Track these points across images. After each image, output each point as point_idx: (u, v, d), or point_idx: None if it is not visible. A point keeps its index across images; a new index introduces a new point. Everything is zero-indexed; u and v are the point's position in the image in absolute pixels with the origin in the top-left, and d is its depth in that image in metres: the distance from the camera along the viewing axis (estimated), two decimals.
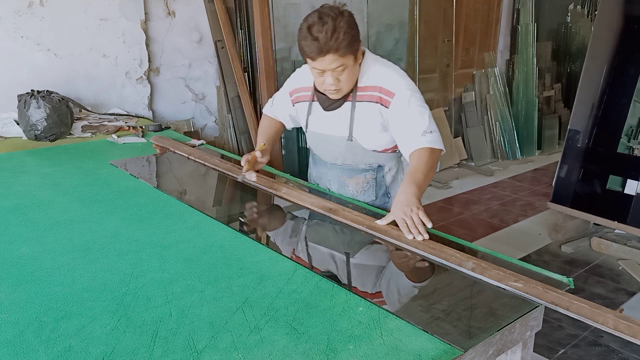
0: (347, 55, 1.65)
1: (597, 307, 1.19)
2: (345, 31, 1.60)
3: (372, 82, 1.77)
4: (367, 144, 1.85)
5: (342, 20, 1.61)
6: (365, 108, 1.79)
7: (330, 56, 1.62)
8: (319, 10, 1.65)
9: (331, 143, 1.91)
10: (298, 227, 1.74)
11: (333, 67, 1.65)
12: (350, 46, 1.63)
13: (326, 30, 1.59)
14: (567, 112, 5.83)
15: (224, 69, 3.63)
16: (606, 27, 3.54)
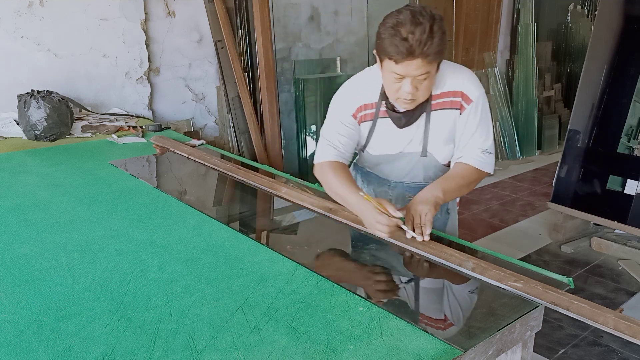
0: (434, 62, 1.47)
1: (597, 307, 1.19)
2: (440, 37, 1.43)
3: (452, 87, 1.61)
4: (441, 156, 1.72)
5: (436, 24, 1.44)
6: (441, 117, 1.63)
7: (419, 61, 1.43)
8: (409, 8, 1.48)
9: (400, 161, 1.74)
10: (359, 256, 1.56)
11: (417, 73, 1.46)
12: (440, 54, 1.46)
13: (420, 32, 1.41)
14: (567, 112, 5.82)
15: (224, 69, 3.63)
16: (606, 27, 3.54)
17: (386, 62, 1.48)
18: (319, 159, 1.70)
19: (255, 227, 1.76)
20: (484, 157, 1.63)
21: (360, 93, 1.68)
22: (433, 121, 1.63)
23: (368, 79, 1.66)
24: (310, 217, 1.76)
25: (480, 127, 1.62)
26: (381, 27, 1.50)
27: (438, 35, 1.43)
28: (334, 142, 1.68)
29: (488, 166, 1.64)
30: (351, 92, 1.71)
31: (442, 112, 1.62)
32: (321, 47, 4.14)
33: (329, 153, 1.67)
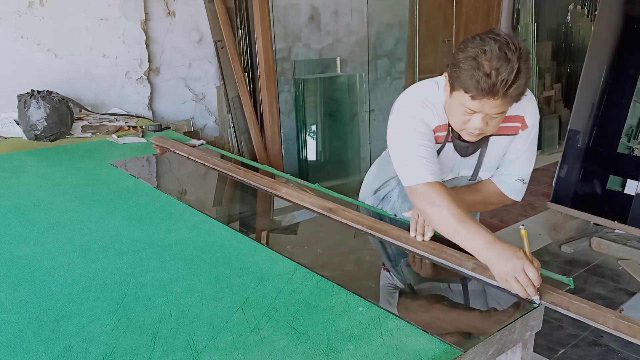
0: (512, 103, 1.33)
1: (597, 307, 1.19)
2: (526, 77, 1.28)
3: (516, 112, 1.46)
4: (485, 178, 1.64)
5: (524, 62, 1.27)
6: (500, 142, 1.53)
7: (498, 101, 1.29)
8: (497, 38, 1.28)
9: (448, 183, 1.60)
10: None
11: (492, 112, 1.33)
12: (522, 94, 1.32)
13: (508, 71, 1.25)
14: (567, 112, 5.82)
15: (224, 69, 3.63)
16: (606, 27, 3.54)
17: (459, 93, 1.33)
18: (414, 179, 1.42)
19: (255, 227, 1.76)
20: (517, 185, 1.57)
21: (434, 113, 1.47)
22: (490, 146, 1.53)
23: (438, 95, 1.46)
24: (310, 217, 1.76)
25: (526, 155, 1.55)
26: (460, 54, 1.31)
27: (525, 76, 1.28)
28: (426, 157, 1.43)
29: (518, 194, 1.58)
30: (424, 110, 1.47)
31: (501, 137, 1.52)
32: (321, 47, 4.14)
33: (426, 173, 1.41)
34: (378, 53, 4.54)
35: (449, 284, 1.36)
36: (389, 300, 1.27)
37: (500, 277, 1.26)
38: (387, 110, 4.91)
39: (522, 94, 1.32)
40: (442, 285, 1.37)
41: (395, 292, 1.33)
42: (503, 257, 1.25)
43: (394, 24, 4.61)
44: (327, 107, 4.06)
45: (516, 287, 1.22)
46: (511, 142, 1.53)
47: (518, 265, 1.22)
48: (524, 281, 1.21)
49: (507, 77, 1.25)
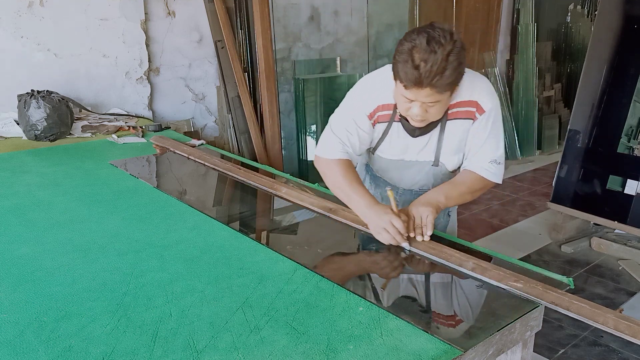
0: (445, 92, 1.42)
1: (597, 307, 1.19)
2: (454, 68, 1.36)
3: (468, 97, 1.57)
4: (451, 165, 1.70)
5: (453, 53, 1.35)
6: (456, 126, 1.60)
7: (428, 90, 1.38)
8: (429, 31, 1.37)
9: (411, 169, 1.72)
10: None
11: (426, 100, 1.42)
12: (452, 85, 1.41)
13: (432, 63, 1.34)
14: (567, 112, 5.82)
15: (224, 69, 3.63)
16: (606, 27, 3.54)
17: (398, 82, 1.43)
18: (327, 153, 1.64)
19: (255, 227, 1.76)
20: (492, 167, 1.61)
21: (380, 91, 1.59)
22: (447, 131, 1.60)
23: (389, 78, 1.50)
24: (310, 217, 1.76)
25: (490, 138, 1.60)
26: (398, 47, 1.41)
27: (452, 67, 1.36)
28: (343, 140, 1.63)
29: (496, 176, 1.63)
30: (371, 89, 1.62)
31: (456, 121, 1.59)
32: (321, 47, 4.14)
33: (338, 151, 1.63)
34: (378, 53, 4.54)
35: (448, 283, 1.36)
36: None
37: (375, 230, 1.49)
38: None
39: (453, 84, 1.41)
40: (442, 285, 1.37)
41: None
42: (376, 214, 1.49)
43: (394, 24, 4.61)
44: (327, 107, 4.06)
45: (387, 237, 1.46)
46: (470, 127, 1.59)
47: (386, 219, 1.46)
48: (392, 231, 1.45)
49: (431, 68, 1.34)
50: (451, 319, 1.18)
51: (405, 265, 1.46)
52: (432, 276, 1.41)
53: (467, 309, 1.26)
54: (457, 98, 1.55)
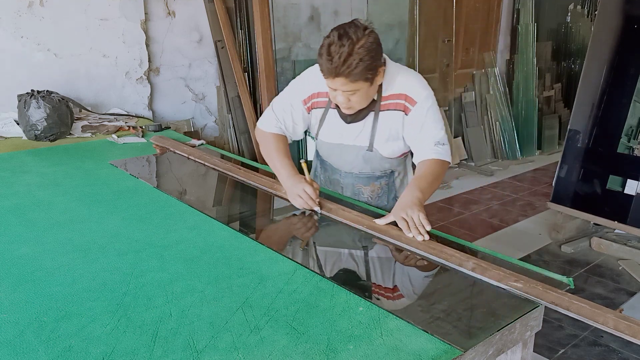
0: (359, 81, 1.57)
1: (597, 307, 1.19)
2: (361, 59, 1.52)
3: (398, 90, 1.73)
4: (386, 152, 1.84)
5: (361, 45, 1.52)
6: (388, 117, 1.76)
7: (342, 80, 1.56)
8: (344, 27, 1.57)
9: (349, 153, 1.87)
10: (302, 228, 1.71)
11: (344, 89, 1.60)
12: (363, 74, 1.55)
13: (341, 54, 1.51)
14: (567, 112, 5.82)
15: (224, 69, 3.63)
16: (606, 27, 3.54)
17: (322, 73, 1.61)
18: (264, 126, 1.90)
19: (255, 227, 1.76)
20: (438, 149, 1.73)
21: (316, 80, 1.74)
22: (381, 120, 1.76)
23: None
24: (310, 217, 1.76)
25: (428, 125, 1.73)
26: (323, 41, 1.60)
27: (359, 57, 1.52)
28: (279, 117, 1.87)
29: (445, 156, 1.74)
30: (309, 77, 1.83)
31: (388, 112, 1.75)
32: None
33: (273, 126, 1.88)
34: None
35: (449, 283, 1.36)
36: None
37: (291, 197, 1.74)
38: None
39: (365, 73, 1.55)
40: (442, 285, 1.37)
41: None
42: (293, 183, 1.73)
43: (394, 24, 4.61)
44: None
45: (300, 202, 1.71)
46: (404, 119, 1.75)
47: (300, 187, 1.70)
48: (305, 197, 1.69)
49: (340, 60, 1.52)
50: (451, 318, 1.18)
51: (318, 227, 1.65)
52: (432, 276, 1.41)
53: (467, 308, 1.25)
54: (389, 91, 1.73)
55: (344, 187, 1.97)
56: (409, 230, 1.52)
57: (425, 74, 4.95)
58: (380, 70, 1.63)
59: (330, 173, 2.01)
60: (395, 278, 1.41)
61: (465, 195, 4.58)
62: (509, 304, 1.22)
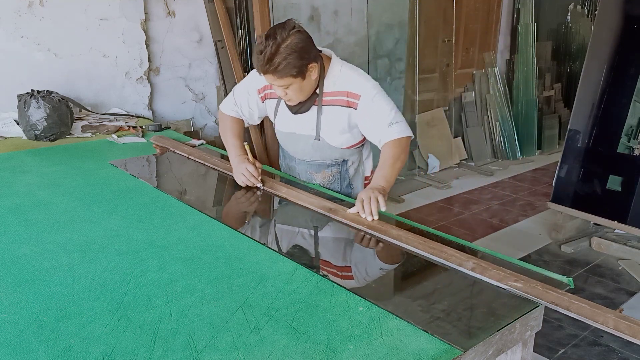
0: (286, 77, 1.70)
1: (597, 307, 1.19)
2: (284, 57, 1.65)
3: (339, 88, 1.85)
4: (334, 142, 1.95)
5: (286, 45, 1.66)
6: (333, 111, 1.88)
7: (270, 76, 1.71)
8: (275, 27, 1.71)
9: (299, 141, 2.01)
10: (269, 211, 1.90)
11: (275, 84, 1.75)
12: (288, 71, 1.68)
13: (265, 53, 1.66)
14: (567, 112, 5.82)
15: (224, 69, 3.63)
16: (606, 27, 3.53)
17: None
18: (223, 108, 2.12)
19: (255, 227, 1.76)
20: (394, 128, 1.82)
21: None
22: (325, 113, 1.89)
23: None
24: (310, 217, 1.76)
25: (377, 111, 1.83)
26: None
27: (282, 56, 1.65)
28: (237, 102, 2.06)
29: (402, 132, 1.83)
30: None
31: (332, 107, 1.88)
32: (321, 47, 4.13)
33: (230, 109, 2.09)
34: (378, 53, 4.54)
35: (449, 284, 1.36)
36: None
37: (235, 175, 1.96)
38: None
39: (287, 71, 1.68)
40: (442, 285, 1.37)
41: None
42: (238, 163, 1.97)
43: (394, 24, 4.61)
44: None
45: (243, 179, 1.92)
46: (353, 114, 1.86)
47: (243, 166, 1.93)
48: (247, 174, 1.91)
49: (264, 58, 1.66)
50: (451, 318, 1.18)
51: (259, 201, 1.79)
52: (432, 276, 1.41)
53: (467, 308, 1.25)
54: (331, 88, 1.86)
55: (299, 174, 2.12)
56: (363, 211, 1.62)
57: (425, 74, 4.99)
58: (310, 66, 1.74)
59: (288, 160, 2.17)
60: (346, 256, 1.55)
61: (465, 195, 4.58)
62: (509, 303, 1.22)
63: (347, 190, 2.08)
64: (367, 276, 1.42)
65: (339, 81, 1.86)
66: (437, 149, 5.04)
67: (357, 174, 2.09)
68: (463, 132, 5.36)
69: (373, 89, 1.85)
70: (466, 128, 5.36)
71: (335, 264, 1.47)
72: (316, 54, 1.79)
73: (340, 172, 2.04)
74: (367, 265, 1.50)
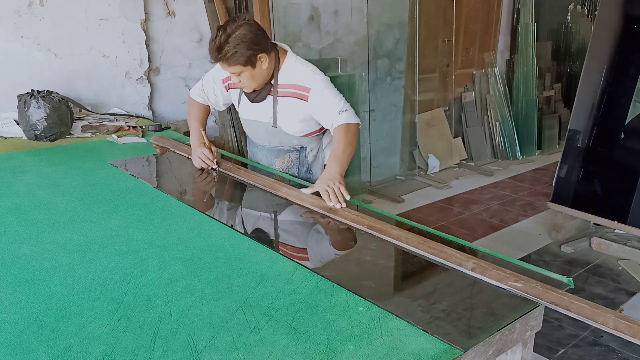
0: (236, 65, 1.86)
1: (597, 307, 1.19)
2: (233, 47, 1.82)
3: (289, 81, 2.02)
4: (290, 130, 2.11)
5: (235, 36, 1.82)
6: (286, 102, 2.04)
7: (222, 64, 1.89)
8: (228, 20, 1.89)
9: (259, 128, 2.17)
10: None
11: (228, 71, 1.93)
12: (236, 59, 1.84)
13: (216, 42, 1.83)
14: (567, 112, 5.82)
15: None
16: (606, 27, 3.53)
17: None
18: (193, 95, 2.30)
19: (255, 227, 1.76)
20: (343, 115, 1.97)
21: None
22: (280, 103, 2.05)
23: None
24: (310, 217, 1.76)
25: (326, 101, 1.99)
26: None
27: (231, 46, 1.82)
28: (203, 88, 2.24)
29: (350, 119, 1.98)
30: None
31: (286, 99, 2.04)
32: (321, 47, 4.14)
33: (197, 95, 2.28)
34: (378, 53, 4.54)
35: (448, 284, 1.36)
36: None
37: (193, 158, 2.18)
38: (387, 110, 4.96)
39: (235, 60, 1.84)
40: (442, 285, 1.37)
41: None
42: (195, 146, 2.19)
43: (394, 24, 4.61)
44: None
45: (199, 162, 2.15)
46: (306, 106, 2.01)
47: (199, 150, 2.16)
48: (202, 157, 2.14)
49: (214, 46, 1.84)
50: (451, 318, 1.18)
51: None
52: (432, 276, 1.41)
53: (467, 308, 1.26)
54: (284, 81, 2.03)
55: (261, 159, 2.28)
56: (330, 200, 1.75)
57: (425, 74, 4.99)
58: (260, 56, 1.90)
59: (252, 146, 2.34)
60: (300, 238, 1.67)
61: (465, 195, 4.58)
62: (509, 303, 1.22)
63: (307, 175, 2.24)
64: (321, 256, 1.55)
65: (291, 74, 2.02)
66: (437, 149, 5.04)
67: (316, 160, 2.24)
68: (463, 132, 5.37)
69: (321, 83, 2.00)
70: (466, 128, 5.36)
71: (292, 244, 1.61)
72: (267, 45, 1.94)
73: (298, 158, 2.20)
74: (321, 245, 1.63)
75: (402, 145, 4.92)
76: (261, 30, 1.92)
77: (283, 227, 1.78)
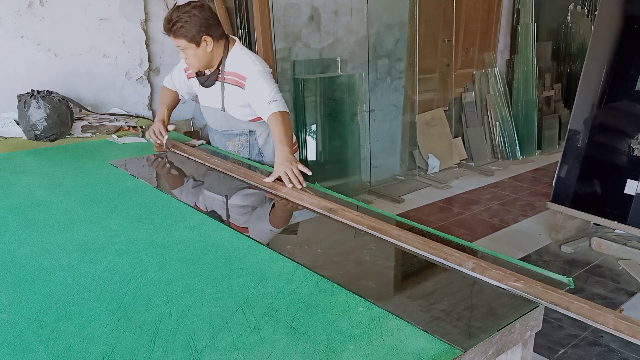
0: (180, 39, 2.10)
1: (597, 307, 1.19)
2: (182, 23, 2.06)
3: (231, 69, 2.24)
4: (237, 114, 2.32)
5: (187, 13, 2.06)
6: (230, 88, 2.26)
7: (171, 37, 2.13)
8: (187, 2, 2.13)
9: (211, 113, 2.40)
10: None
11: (176, 45, 2.15)
12: (182, 33, 2.08)
13: (169, 15, 2.09)
14: (567, 112, 5.83)
15: None
16: (606, 27, 3.54)
17: None
18: (165, 82, 2.59)
19: (255, 227, 1.76)
20: (273, 105, 2.13)
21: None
22: (226, 89, 2.27)
23: None
24: (310, 217, 1.76)
25: (259, 91, 2.16)
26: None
27: (182, 21, 2.06)
28: (173, 77, 2.53)
29: (280, 107, 2.14)
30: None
31: (230, 85, 2.26)
32: (321, 47, 4.14)
33: (168, 82, 2.57)
34: (378, 53, 4.55)
35: (448, 283, 1.36)
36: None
37: (148, 131, 2.48)
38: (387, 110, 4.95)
39: (182, 35, 2.09)
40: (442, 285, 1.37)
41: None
42: (154, 122, 2.47)
43: (394, 24, 4.61)
44: (327, 107, 4.06)
45: (151, 134, 2.45)
46: (243, 93, 2.22)
47: (155, 126, 2.43)
48: (155, 129, 2.44)
49: (168, 19, 2.10)
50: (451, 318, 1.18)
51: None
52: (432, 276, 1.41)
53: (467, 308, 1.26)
54: (228, 69, 2.24)
55: (217, 143, 2.51)
56: (290, 182, 1.88)
57: (425, 74, 4.99)
58: (205, 38, 2.12)
59: (210, 131, 2.56)
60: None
61: (465, 195, 4.58)
62: (509, 303, 1.22)
63: (259, 158, 2.42)
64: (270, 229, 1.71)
65: (235, 63, 2.23)
66: (437, 149, 5.05)
67: (267, 143, 2.41)
68: (463, 132, 5.37)
69: (258, 73, 2.18)
70: (466, 128, 5.36)
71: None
72: (216, 32, 2.15)
73: (249, 141, 2.39)
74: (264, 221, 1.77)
75: (402, 145, 4.92)
76: (213, 17, 2.14)
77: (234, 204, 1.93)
